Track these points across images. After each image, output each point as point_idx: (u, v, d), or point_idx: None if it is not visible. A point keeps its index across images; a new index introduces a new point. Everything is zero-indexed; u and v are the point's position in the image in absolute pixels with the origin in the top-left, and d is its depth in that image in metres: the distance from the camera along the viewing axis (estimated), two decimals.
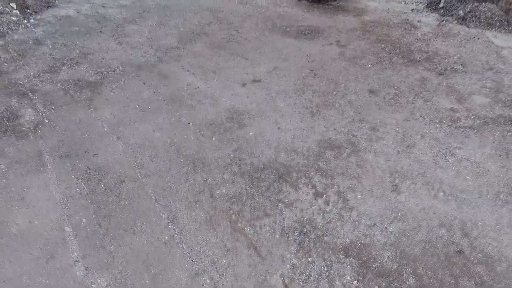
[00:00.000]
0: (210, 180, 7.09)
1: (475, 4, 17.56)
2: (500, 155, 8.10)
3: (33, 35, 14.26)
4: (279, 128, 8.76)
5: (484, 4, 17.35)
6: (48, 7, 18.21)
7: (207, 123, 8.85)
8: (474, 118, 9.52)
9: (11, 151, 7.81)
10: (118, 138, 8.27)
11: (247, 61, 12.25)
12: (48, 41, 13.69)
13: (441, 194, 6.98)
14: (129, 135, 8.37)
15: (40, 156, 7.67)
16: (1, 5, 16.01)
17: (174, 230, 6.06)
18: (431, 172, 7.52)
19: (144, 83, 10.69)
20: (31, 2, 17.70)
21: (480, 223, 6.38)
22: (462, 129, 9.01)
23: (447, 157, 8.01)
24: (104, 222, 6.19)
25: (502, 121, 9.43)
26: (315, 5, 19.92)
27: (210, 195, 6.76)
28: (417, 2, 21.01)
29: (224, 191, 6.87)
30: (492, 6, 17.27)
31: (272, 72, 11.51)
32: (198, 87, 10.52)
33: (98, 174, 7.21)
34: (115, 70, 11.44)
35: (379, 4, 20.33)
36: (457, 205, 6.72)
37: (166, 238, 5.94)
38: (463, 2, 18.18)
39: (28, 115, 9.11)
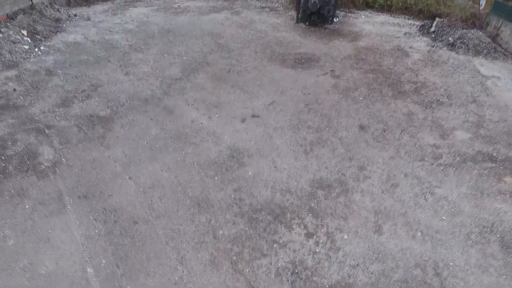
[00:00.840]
0: (214, 222, 8.03)
1: (464, 31, 18.51)
2: (474, 195, 9.04)
3: (45, 64, 15.18)
4: (275, 167, 9.69)
5: (472, 31, 18.30)
6: (56, 32, 19.14)
7: (210, 162, 9.78)
8: (455, 155, 10.46)
9: (34, 191, 8.74)
10: (130, 178, 9.20)
11: (247, 94, 13.18)
12: (59, 71, 14.61)
13: (419, 234, 7.91)
14: (139, 175, 9.30)
15: (60, 197, 8.60)
16: (13, 33, 16.93)
17: (183, 271, 7.00)
18: (411, 212, 8.46)
19: (151, 119, 11.62)
20: (41, 28, 18.63)
21: (451, 263, 7.32)
22: (443, 167, 9.94)
23: (426, 196, 8.94)
24: (121, 263, 7.12)
25: (480, 158, 10.37)
26: (312, 28, 20.84)
27: (213, 236, 7.69)
28: (410, 24, 21.96)
29: (226, 232, 7.81)
30: (480, 33, 18.23)
31: (269, 106, 12.45)
32: (201, 123, 11.45)
33: (114, 215, 8.14)
34: (123, 104, 12.36)
35: (373, 27, 21.27)
36: (432, 245, 7.66)
37: (176, 278, 6.88)
38: (453, 28, 19.12)
39: (47, 153, 10.04)
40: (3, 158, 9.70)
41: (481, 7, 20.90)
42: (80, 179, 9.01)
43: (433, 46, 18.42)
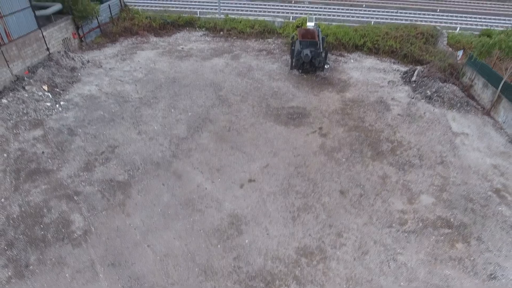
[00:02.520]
0: None
1: (440, 84, 20.71)
2: (429, 261, 11.19)
3: (66, 121, 17.27)
4: (268, 234, 11.82)
5: (448, 85, 20.50)
6: (73, 82, 21.28)
7: (214, 230, 11.91)
8: (418, 221, 12.61)
9: (71, 260, 10.86)
10: (148, 246, 11.33)
11: (245, 155, 15.32)
12: (80, 130, 16.73)
13: None
14: (156, 243, 11.43)
15: (93, 265, 10.72)
16: (36, 89, 19.07)
17: None
18: (376, 279, 10.60)
19: (163, 184, 13.75)
20: (59, 80, 20.79)
21: None
22: (406, 234, 12.09)
23: (390, 263, 11.09)
24: None
25: (439, 224, 12.52)
26: (305, 76, 23.02)
27: None
28: (395, 70, 24.17)
29: None
30: (455, 87, 20.44)
31: (264, 169, 14.59)
32: (206, 188, 13.58)
33: (137, 283, 10.26)
34: (138, 168, 14.50)
35: (360, 74, 23.47)
36: None
37: None
38: (432, 79, 21.34)
39: (77, 221, 12.16)
40: (41, 226, 11.81)
41: (458, 58, 23.15)
42: (107, 247, 11.14)
43: (412, 98, 20.58)
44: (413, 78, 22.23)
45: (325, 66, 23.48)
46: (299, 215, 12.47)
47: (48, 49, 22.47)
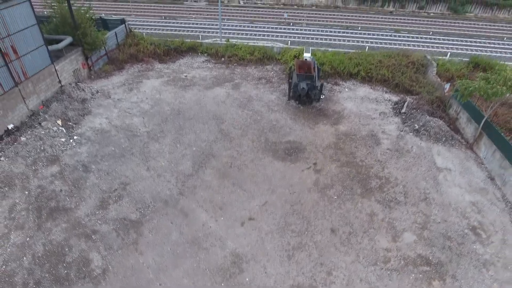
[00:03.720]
0: None
1: (428, 118, 22.29)
2: None
3: (80, 157, 18.79)
4: (266, 273, 13.37)
5: (434, 119, 22.08)
6: (84, 114, 22.81)
7: (218, 269, 13.44)
8: (400, 259, 14.16)
9: None
10: (160, 285, 12.86)
11: (245, 193, 16.86)
12: (93, 166, 18.25)
13: None
14: (167, 281, 12.96)
15: None
16: (51, 125, 20.62)
17: None
18: None
19: (171, 222, 15.28)
20: (71, 113, 22.33)
21: None
22: (389, 272, 13.64)
23: None
24: None
25: (419, 262, 14.07)
26: (301, 107, 24.60)
27: None
28: (386, 100, 25.76)
29: None
30: (441, 122, 22.01)
31: (263, 207, 16.14)
32: (210, 227, 15.12)
33: None
34: (148, 206, 16.03)
35: (354, 104, 25.05)
36: None
37: None
38: (420, 113, 22.93)
39: (96, 260, 13.68)
40: (64, 265, 13.34)
41: (445, 90, 24.75)
42: (124, 286, 12.67)
43: (402, 131, 22.14)
44: (403, 110, 23.80)
45: (321, 96, 25.03)
46: (294, 254, 14.02)
47: (60, 81, 24.03)
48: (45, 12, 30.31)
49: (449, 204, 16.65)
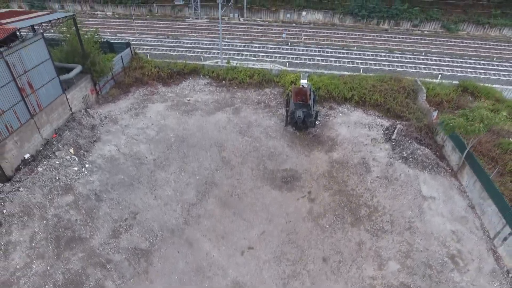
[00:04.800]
0: None
1: (416, 146, 23.92)
2: None
3: (92, 186, 20.37)
4: None
5: (422, 148, 23.72)
6: (94, 141, 24.41)
7: None
8: (385, 286, 15.77)
9: None
10: None
11: (245, 222, 18.46)
12: (105, 196, 19.84)
13: None
14: None
15: None
16: (64, 154, 22.23)
17: None
18: None
19: (178, 252, 16.88)
20: (82, 141, 23.94)
21: None
22: None
23: None
24: None
25: None
26: (298, 133, 26.23)
27: None
28: (378, 125, 27.38)
29: None
30: (427, 150, 23.65)
31: (261, 237, 17.74)
32: (213, 256, 16.72)
33: None
34: (157, 236, 17.62)
35: (347, 130, 26.68)
36: None
37: None
38: (409, 140, 24.57)
39: None
40: None
41: (433, 117, 26.41)
42: None
43: (391, 158, 23.76)
44: (393, 136, 25.44)
45: (316, 122, 26.67)
46: (289, 281, 15.63)
47: (71, 109, 25.64)
48: (55, 36, 31.97)
49: (431, 233, 18.26)
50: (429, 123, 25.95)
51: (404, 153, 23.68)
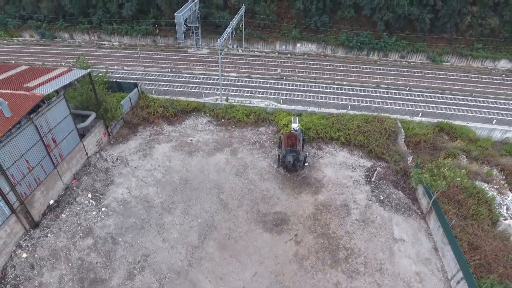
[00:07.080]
0: None
1: (392, 190, 27.35)
2: None
3: (109, 229, 23.74)
4: None
5: (396, 191, 27.15)
6: (108, 184, 27.81)
7: None
8: None
9: None
10: None
11: (240, 264, 21.84)
12: (120, 239, 23.24)
13: None
14: None
15: None
16: (83, 199, 25.65)
17: None
18: None
19: None
20: (98, 185, 27.36)
21: None
22: None
23: None
24: None
25: None
26: (288, 175, 29.67)
27: None
28: (361, 166, 30.81)
29: None
30: (401, 194, 27.08)
31: (253, 278, 21.13)
32: None
33: None
34: (165, 277, 21.01)
35: (333, 170, 30.07)
36: None
37: None
38: (386, 184, 28.00)
39: None
40: None
41: (409, 161, 29.85)
42: None
43: (369, 200, 27.15)
44: (373, 179, 28.85)
45: (305, 164, 30.12)
46: None
47: (87, 153, 29.06)
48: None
49: (398, 274, 21.62)
50: (404, 166, 29.34)
51: (381, 196, 27.09)
